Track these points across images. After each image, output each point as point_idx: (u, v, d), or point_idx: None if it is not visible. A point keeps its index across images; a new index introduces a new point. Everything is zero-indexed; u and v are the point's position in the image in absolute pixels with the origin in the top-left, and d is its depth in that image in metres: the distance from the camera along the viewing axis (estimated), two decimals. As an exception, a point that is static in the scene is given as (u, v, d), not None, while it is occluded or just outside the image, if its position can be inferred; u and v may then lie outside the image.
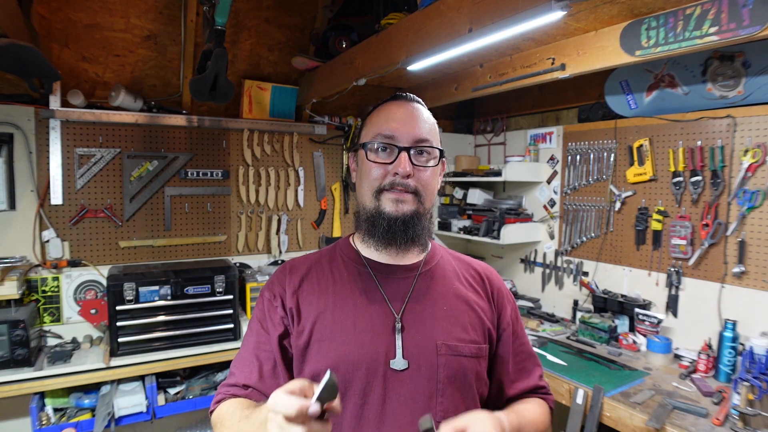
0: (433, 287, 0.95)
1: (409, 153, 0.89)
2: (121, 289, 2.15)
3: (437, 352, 0.88)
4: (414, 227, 0.91)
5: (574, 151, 2.68)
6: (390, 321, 0.89)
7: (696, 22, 1.49)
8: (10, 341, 1.95)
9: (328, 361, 0.86)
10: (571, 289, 2.72)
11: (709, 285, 2.06)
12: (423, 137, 0.90)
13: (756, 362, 1.67)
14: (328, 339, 0.87)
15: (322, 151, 2.99)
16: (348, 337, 0.87)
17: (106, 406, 2.08)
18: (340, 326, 0.88)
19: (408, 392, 0.86)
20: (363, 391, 0.85)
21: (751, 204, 1.90)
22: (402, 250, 0.93)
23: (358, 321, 0.89)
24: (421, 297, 0.93)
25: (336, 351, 0.86)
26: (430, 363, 0.87)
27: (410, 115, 0.92)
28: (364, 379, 0.85)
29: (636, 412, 1.63)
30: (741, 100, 1.94)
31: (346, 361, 0.85)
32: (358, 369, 0.85)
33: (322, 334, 0.88)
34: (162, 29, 2.33)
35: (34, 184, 2.25)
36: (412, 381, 0.86)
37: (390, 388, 0.85)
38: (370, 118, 0.97)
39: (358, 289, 0.92)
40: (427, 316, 0.91)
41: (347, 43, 2.41)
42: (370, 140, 0.91)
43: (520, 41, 1.96)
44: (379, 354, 0.86)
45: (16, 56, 1.61)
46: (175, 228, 2.61)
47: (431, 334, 0.89)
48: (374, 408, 0.85)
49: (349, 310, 0.90)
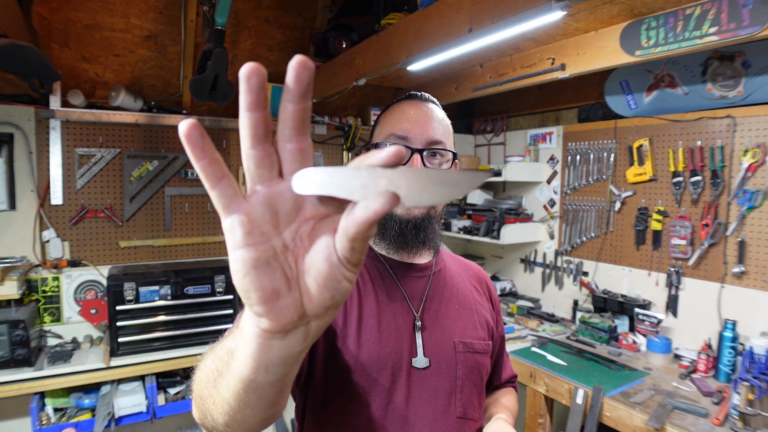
0: (446, 287, 0.97)
1: (422, 155, 0.87)
2: (121, 289, 2.15)
3: (455, 349, 0.91)
4: (425, 230, 0.91)
5: (574, 151, 2.68)
6: (410, 319, 0.90)
7: (696, 23, 1.49)
8: (11, 341, 1.95)
9: (354, 359, 0.85)
10: (571, 289, 2.72)
11: (708, 285, 2.06)
12: (437, 139, 0.89)
13: (756, 362, 1.67)
14: (353, 336, 0.87)
15: (322, 151, 2.99)
16: (373, 335, 0.87)
17: (106, 406, 2.09)
18: (366, 324, 0.88)
19: (430, 390, 0.87)
20: (389, 390, 0.85)
21: (751, 204, 1.90)
22: (413, 253, 0.94)
23: (382, 319, 0.89)
24: (437, 296, 0.95)
25: (363, 349, 0.86)
26: (449, 361, 0.89)
27: (424, 116, 0.90)
28: (389, 378, 0.85)
29: (636, 412, 1.63)
30: (741, 100, 1.94)
31: (372, 360, 0.85)
32: (384, 368, 0.85)
33: (348, 330, 0.87)
34: (162, 29, 2.33)
35: (34, 184, 2.25)
36: (433, 378, 0.88)
37: (413, 386, 0.87)
38: (383, 118, 0.96)
39: (380, 287, 0.92)
40: (443, 314, 0.93)
41: (347, 43, 2.41)
42: (383, 140, 0.90)
43: (520, 41, 1.96)
44: (403, 352, 0.87)
45: (16, 56, 1.61)
46: (175, 228, 2.61)
47: (448, 333, 0.91)
48: (399, 406, 0.85)
49: (373, 308, 0.90)
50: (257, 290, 0.35)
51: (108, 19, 2.22)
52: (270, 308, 0.35)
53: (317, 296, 0.36)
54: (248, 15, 2.46)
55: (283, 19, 2.57)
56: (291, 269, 0.36)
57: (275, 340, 0.38)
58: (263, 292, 0.35)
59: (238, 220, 0.34)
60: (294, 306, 0.36)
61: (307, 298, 0.36)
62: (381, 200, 0.30)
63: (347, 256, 0.34)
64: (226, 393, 0.47)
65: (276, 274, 0.35)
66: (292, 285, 0.36)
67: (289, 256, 0.36)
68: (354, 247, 0.33)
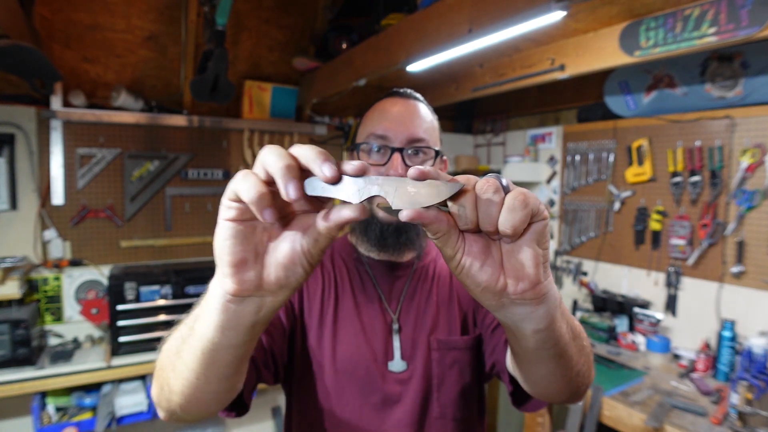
0: (426, 283, 0.94)
1: (403, 154, 0.84)
2: (122, 289, 2.16)
3: (429, 347, 0.88)
4: (407, 233, 0.89)
5: (573, 151, 2.68)
6: (387, 321, 0.89)
7: (695, 23, 1.50)
8: (12, 340, 1.96)
9: (329, 359, 0.86)
10: (571, 289, 2.72)
11: (707, 285, 2.07)
12: (418, 136, 0.85)
13: (754, 361, 1.67)
14: (329, 335, 0.87)
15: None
16: (348, 336, 0.87)
17: (107, 405, 2.09)
18: (342, 324, 0.88)
19: (406, 393, 0.86)
20: (363, 392, 0.85)
21: (750, 204, 1.90)
22: (394, 254, 0.92)
23: (358, 320, 0.88)
24: (416, 294, 0.92)
25: (338, 349, 0.86)
26: (424, 360, 0.87)
27: (405, 113, 0.87)
28: (364, 381, 0.85)
29: (635, 411, 1.64)
30: (740, 100, 1.94)
31: (346, 362, 0.85)
32: (358, 370, 0.85)
33: (324, 330, 0.88)
34: (163, 30, 2.34)
35: (35, 184, 2.26)
36: (410, 381, 0.86)
37: (388, 389, 0.85)
38: (365, 117, 0.93)
39: (358, 287, 0.92)
40: (421, 313, 0.91)
41: (347, 43, 2.41)
42: (364, 140, 0.88)
43: (519, 42, 1.96)
44: (378, 355, 0.86)
45: (17, 57, 1.62)
46: (175, 228, 2.62)
47: (425, 331, 0.89)
48: (373, 410, 0.84)
49: (350, 308, 0.90)
50: (230, 255, 0.42)
51: (109, 20, 2.23)
52: (235, 272, 0.42)
53: (274, 273, 0.43)
54: (248, 15, 2.46)
55: (283, 19, 2.57)
56: (262, 246, 0.43)
57: (233, 304, 0.44)
58: (234, 257, 0.42)
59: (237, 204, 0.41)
60: (255, 276, 0.43)
61: (266, 273, 0.43)
62: (353, 209, 0.39)
63: (310, 248, 0.42)
64: (187, 356, 0.51)
65: (249, 246, 0.42)
66: (257, 259, 0.43)
67: (264, 236, 0.43)
68: (318, 240, 0.42)
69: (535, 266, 0.42)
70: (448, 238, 0.41)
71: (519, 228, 0.40)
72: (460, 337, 0.90)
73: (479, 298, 0.45)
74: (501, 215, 0.39)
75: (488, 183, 0.40)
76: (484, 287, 0.43)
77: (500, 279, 0.43)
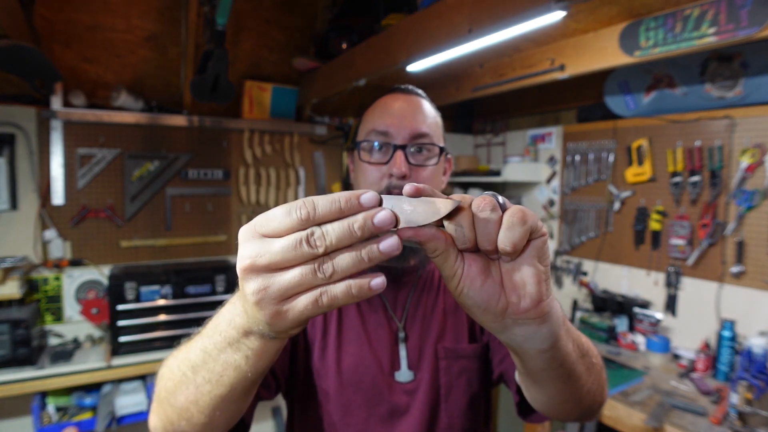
0: (433, 290, 0.91)
1: (406, 151, 0.80)
2: (122, 289, 2.16)
3: (437, 356, 0.85)
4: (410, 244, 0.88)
5: (573, 151, 2.68)
6: (392, 330, 0.86)
7: (694, 23, 1.50)
8: (12, 340, 1.96)
9: (335, 372, 0.83)
10: (571, 289, 2.73)
11: (707, 285, 2.07)
12: (421, 131, 0.81)
13: (754, 361, 1.67)
14: (333, 347, 0.84)
15: (323, 151, 2.99)
16: (353, 347, 0.84)
17: (107, 405, 2.10)
18: (346, 336, 0.85)
19: (413, 403, 0.83)
20: (367, 404, 0.82)
21: (750, 204, 1.91)
22: (398, 261, 0.89)
23: (363, 331, 0.86)
24: (421, 302, 0.89)
25: (343, 362, 0.83)
26: (431, 370, 0.84)
27: (408, 109, 0.83)
28: (371, 393, 0.82)
29: (635, 411, 1.64)
30: (739, 100, 1.95)
31: (352, 373, 0.83)
32: (364, 382, 0.82)
33: (328, 341, 0.85)
34: (163, 30, 2.34)
35: (35, 184, 2.26)
36: (417, 391, 0.84)
37: (395, 400, 0.83)
38: (366, 113, 0.89)
39: None
40: (427, 321, 0.88)
41: (347, 43, 2.41)
42: (365, 138, 0.84)
43: (519, 42, 1.96)
44: (384, 365, 0.84)
45: (17, 57, 1.62)
46: (176, 228, 2.62)
47: (432, 340, 0.86)
48: (380, 422, 0.82)
49: (354, 320, 0.87)
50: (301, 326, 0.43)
51: (109, 20, 2.23)
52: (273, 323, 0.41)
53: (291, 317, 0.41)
54: (249, 16, 2.46)
55: (283, 19, 2.57)
56: None
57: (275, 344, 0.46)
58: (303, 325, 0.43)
59: None
60: None
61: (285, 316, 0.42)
62: None
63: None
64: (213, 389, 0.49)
65: None
66: None
67: None
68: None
69: (537, 283, 0.41)
70: (446, 257, 0.41)
71: (519, 245, 0.39)
72: (467, 345, 0.87)
73: (481, 320, 0.44)
74: (500, 233, 0.39)
75: (485, 201, 0.39)
76: (485, 308, 0.42)
77: (501, 298, 0.42)
